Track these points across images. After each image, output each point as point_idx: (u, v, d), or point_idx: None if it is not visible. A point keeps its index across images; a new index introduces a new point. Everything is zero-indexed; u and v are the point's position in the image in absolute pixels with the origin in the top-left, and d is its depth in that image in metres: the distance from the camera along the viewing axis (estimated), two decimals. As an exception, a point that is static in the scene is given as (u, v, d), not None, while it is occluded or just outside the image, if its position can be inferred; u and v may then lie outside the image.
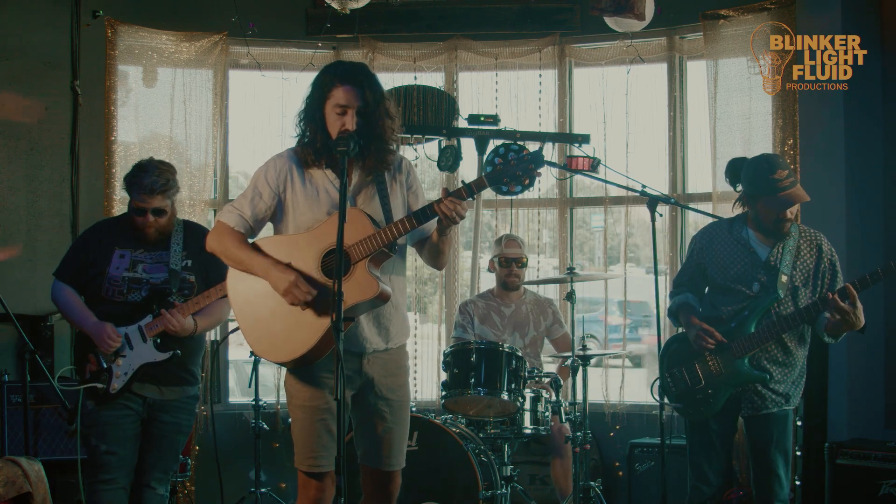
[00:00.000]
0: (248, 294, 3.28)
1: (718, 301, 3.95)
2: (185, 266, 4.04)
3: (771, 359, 3.85)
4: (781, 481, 3.83)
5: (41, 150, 5.84)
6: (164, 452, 4.02)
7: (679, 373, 3.98)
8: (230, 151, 6.32)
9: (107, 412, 3.91)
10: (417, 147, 6.09)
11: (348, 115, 3.20)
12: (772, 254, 3.87)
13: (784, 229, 3.85)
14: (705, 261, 4.00)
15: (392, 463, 3.35)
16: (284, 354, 3.22)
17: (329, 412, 3.24)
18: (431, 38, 6.26)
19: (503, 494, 4.71)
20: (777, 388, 3.84)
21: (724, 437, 3.96)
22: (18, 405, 4.92)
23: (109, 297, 3.97)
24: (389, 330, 3.33)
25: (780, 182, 3.77)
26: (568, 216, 6.30)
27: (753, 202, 3.88)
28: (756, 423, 3.87)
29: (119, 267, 3.98)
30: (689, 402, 3.92)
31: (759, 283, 3.85)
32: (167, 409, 4.01)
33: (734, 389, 3.84)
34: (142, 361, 3.93)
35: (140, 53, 6.02)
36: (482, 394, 4.75)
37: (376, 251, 3.12)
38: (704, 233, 4.09)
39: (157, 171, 3.98)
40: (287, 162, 3.32)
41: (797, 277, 3.86)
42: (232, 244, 3.27)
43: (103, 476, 3.88)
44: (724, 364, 3.84)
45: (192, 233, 4.12)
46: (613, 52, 6.11)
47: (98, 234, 4.11)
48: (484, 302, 5.60)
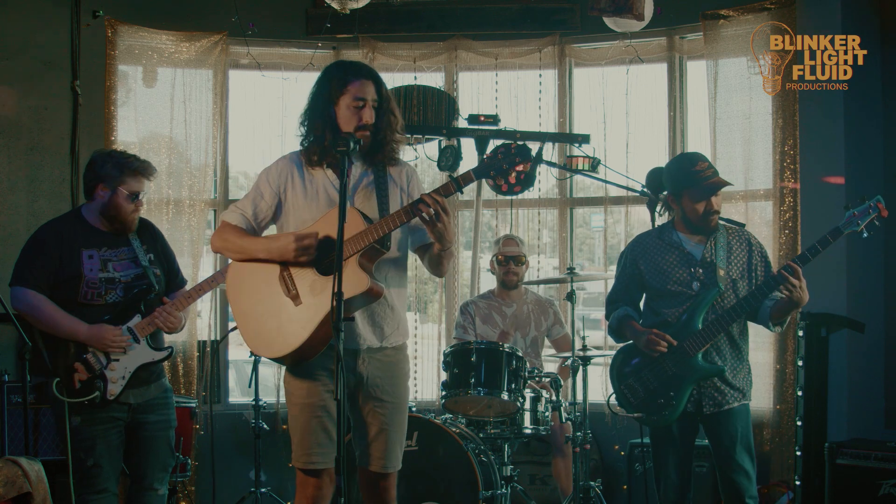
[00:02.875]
0: (244, 290, 3.31)
1: (660, 306, 3.97)
2: (150, 260, 3.99)
3: (722, 354, 3.88)
4: (750, 477, 3.85)
5: (41, 150, 5.85)
6: (158, 452, 3.99)
7: (634, 383, 3.98)
8: (230, 151, 6.31)
9: (94, 427, 3.82)
10: (417, 147, 6.09)
11: (367, 108, 3.24)
12: (706, 250, 3.93)
13: (712, 223, 3.92)
14: (640, 270, 4.02)
15: (387, 465, 3.35)
16: (278, 349, 3.23)
17: (325, 410, 3.25)
18: (431, 38, 6.26)
19: (503, 494, 4.72)
20: (733, 383, 3.87)
21: (685, 438, 3.96)
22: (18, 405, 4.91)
23: (87, 301, 3.85)
24: (383, 329, 3.34)
25: (702, 173, 3.88)
26: (568, 216, 6.29)
27: (679, 199, 3.95)
28: (718, 420, 3.87)
29: (93, 269, 3.85)
30: (650, 410, 3.92)
31: (699, 280, 3.89)
32: (151, 409, 3.96)
33: (694, 385, 3.85)
34: (139, 362, 3.88)
35: (140, 53, 6.02)
36: (482, 394, 4.75)
37: (367, 247, 3.13)
38: (635, 244, 4.12)
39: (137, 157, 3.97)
40: (289, 164, 3.36)
41: (734, 271, 3.91)
42: (232, 236, 3.32)
43: (95, 487, 3.84)
44: (679, 364, 3.85)
45: (143, 226, 4.06)
46: (613, 52, 6.11)
47: (55, 235, 3.89)
48: (485, 302, 5.60)
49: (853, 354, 5.16)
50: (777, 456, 5.48)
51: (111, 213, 3.91)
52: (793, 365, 5.31)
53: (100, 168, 3.91)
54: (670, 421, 3.88)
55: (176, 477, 5.12)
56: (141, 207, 3.97)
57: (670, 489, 3.94)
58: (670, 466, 3.94)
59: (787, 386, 5.45)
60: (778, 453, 5.48)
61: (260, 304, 3.26)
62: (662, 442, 3.98)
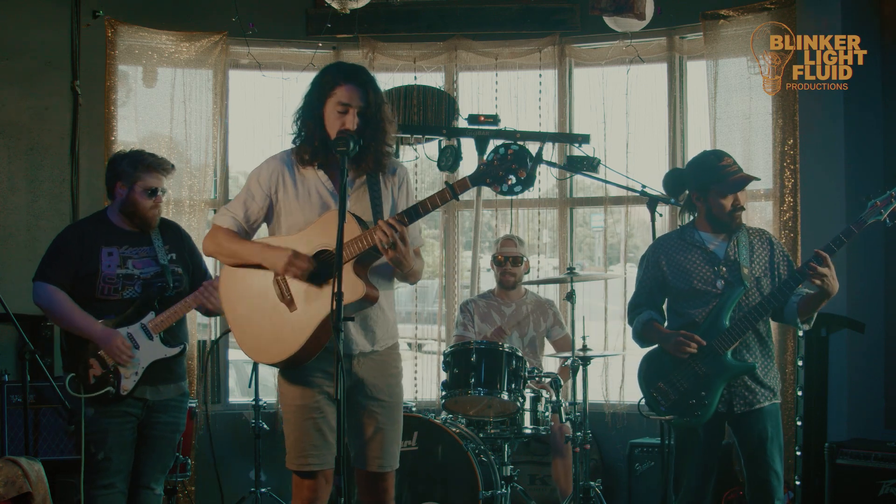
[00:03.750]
0: (238, 295, 3.29)
1: (685, 307, 3.95)
2: (171, 259, 4.04)
3: (752, 351, 3.87)
4: (780, 478, 3.83)
5: (41, 150, 5.84)
6: (162, 453, 4.02)
7: (665, 387, 3.94)
8: (230, 151, 6.32)
9: (107, 419, 3.88)
10: (417, 147, 6.09)
11: (349, 114, 3.20)
12: (729, 248, 3.92)
13: (738, 219, 3.92)
14: (664, 272, 3.99)
15: (383, 465, 3.33)
16: (273, 356, 3.22)
17: (319, 411, 3.24)
18: (431, 38, 6.26)
19: (503, 494, 4.71)
20: (764, 381, 3.86)
21: (710, 442, 3.93)
22: (18, 405, 4.91)
23: (105, 296, 3.93)
24: (375, 332, 3.32)
25: (728, 167, 3.91)
26: (568, 216, 6.30)
27: (705, 196, 3.94)
28: (749, 420, 3.85)
29: (111, 265, 3.93)
30: (682, 411, 3.88)
31: (723, 279, 3.88)
32: (164, 409, 3.99)
33: (725, 384, 3.83)
34: (152, 359, 3.91)
35: (140, 53, 6.02)
36: (482, 394, 4.75)
37: (362, 252, 3.11)
38: (656, 246, 4.08)
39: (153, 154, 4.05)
40: (280, 164, 3.32)
41: (757, 269, 3.91)
42: (224, 240, 3.30)
43: (102, 482, 3.86)
44: (709, 364, 3.83)
45: (166, 226, 4.14)
46: (613, 52, 6.11)
47: (78, 234, 4.03)
48: (485, 301, 5.61)
49: (853, 354, 5.16)
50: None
51: (130, 209, 3.99)
52: (793, 365, 5.31)
53: (117, 166, 4.02)
54: (703, 421, 3.85)
55: (176, 477, 5.12)
56: (160, 203, 4.02)
57: (690, 492, 3.91)
58: (692, 470, 3.91)
59: (787, 386, 5.45)
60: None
61: (254, 309, 3.24)
62: (687, 445, 3.94)
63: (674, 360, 3.90)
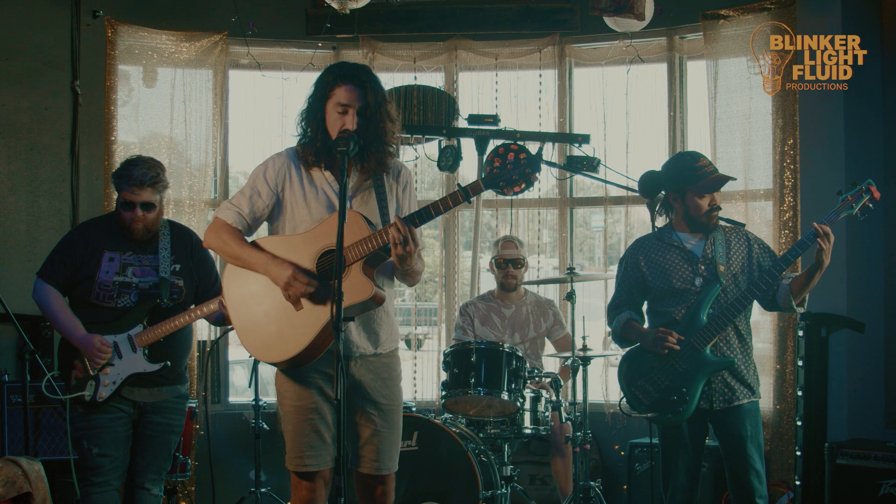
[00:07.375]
0: (242, 294, 3.28)
1: (665, 306, 3.98)
2: (174, 271, 4.02)
3: (731, 347, 3.90)
4: (760, 476, 3.85)
5: (41, 150, 5.84)
6: (156, 453, 4.02)
7: (646, 384, 3.97)
8: (230, 151, 6.32)
9: (99, 415, 3.89)
10: (417, 147, 6.09)
11: (349, 115, 3.19)
12: (706, 247, 3.96)
13: (714, 219, 3.97)
14: (643, 273, 4.03)
15: (381, 467, 3.32)
16: (277, 355, 3.22)
17: (317, 412, 3.24)
18: (431, 38, 6.26)
19: (503, 494, 4.72)
20: (743, 378, 3.89)
21: (695, 439, 3.95)
22: (18, 405, 4.92)
23: (98, 302, 3.93)
24: (379, 335, 3.32)
25: (704, 168, 3.95)
26: (568, 216, 6.29)
27: (682, 197, 3.98)
28: (729, 418, 3.88)
29: (109, 271, 3.93)
30: (663, 408, 3.91)
31: (701, 276, 3.92)
32: (158, 411, 4.00)
33: (706, 378, 3.85)
34: (131, 371, 3.92)
35: (140, 53, 6.02)
36: (482, 394, 4.75)
37: (371, 253, 3.11)
38: (635, 247, 4.13)
39: (147, 165, 3.98)
40: (286, 161, 3.32)
41: (734, 266, 3.95)
42: (230, 240, 3.27)
43: (96, 479, 3.87)
44: (689, 360, 3.86)
45: (178, 234, 4.11)
46: (613, 52, 6.11)
47: (84, 235, 4.03)
48: (484, 304, 5.60)
49: (853, 354, 5.16)
50: (777, 456, 5.48)
51: (118, 219, 4.01)
52: (793, 365, 5.31)
53: (113, 174, 4.05)
54: (684, 417, 3.87)
55: (176, 477, 5.12)
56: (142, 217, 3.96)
57: (679, 490, 3.94)
58: (680, 468, 3.94)
59: (787, 386, 5.45)
60: (778, 453, 5.48)
61: (259, 308, 3.23)
62: (672, 443, 3.97)
63: (654, 358, 3.94)
